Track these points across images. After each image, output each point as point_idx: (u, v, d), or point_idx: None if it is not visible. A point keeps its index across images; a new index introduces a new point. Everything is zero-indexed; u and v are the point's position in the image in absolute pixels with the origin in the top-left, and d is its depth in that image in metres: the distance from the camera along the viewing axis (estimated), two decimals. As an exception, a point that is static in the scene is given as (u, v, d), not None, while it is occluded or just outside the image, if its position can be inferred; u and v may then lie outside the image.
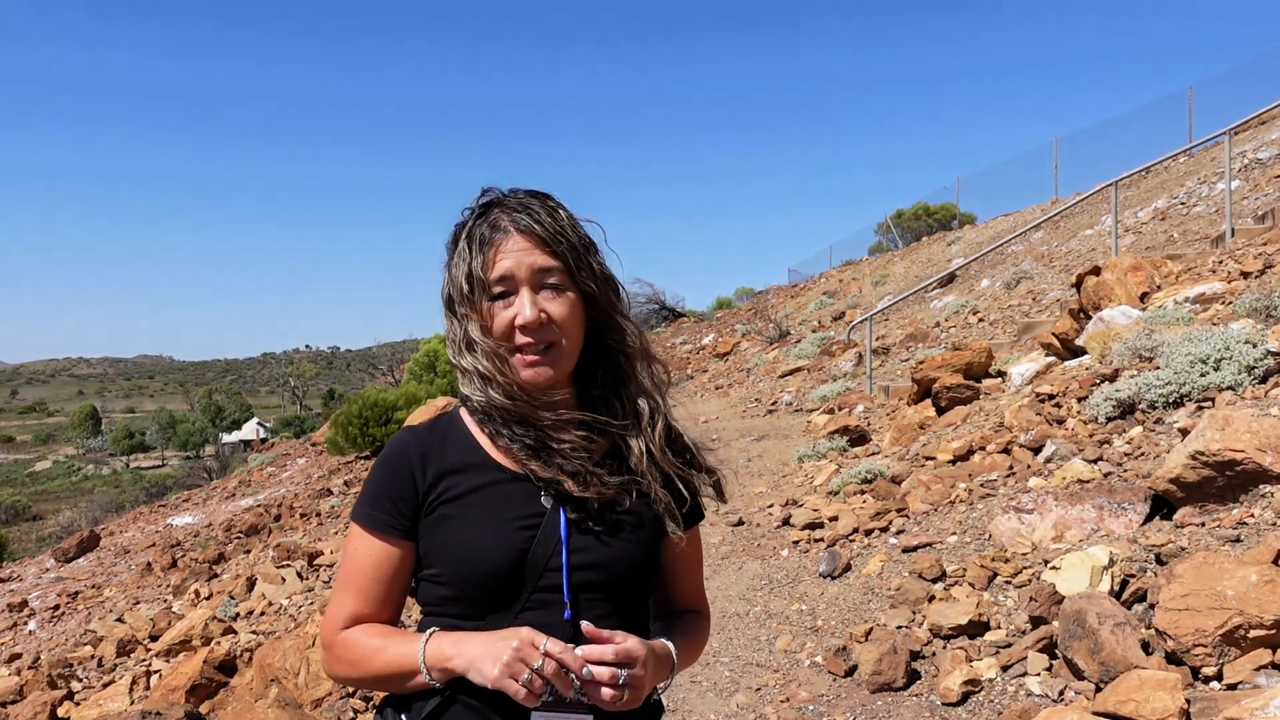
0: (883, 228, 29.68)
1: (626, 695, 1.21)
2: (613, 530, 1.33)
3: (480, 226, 1.31)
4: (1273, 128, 14.41)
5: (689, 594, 1.52)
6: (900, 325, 13.88)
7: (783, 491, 6.85)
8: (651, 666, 1.26)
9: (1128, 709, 2.58)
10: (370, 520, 1.32)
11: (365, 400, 18.41)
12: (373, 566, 1.32)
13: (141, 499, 29.22)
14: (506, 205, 1.32)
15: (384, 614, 1.33)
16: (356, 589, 1.32)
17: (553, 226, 1.30)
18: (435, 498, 1.31)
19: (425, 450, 1.33)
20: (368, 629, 1.31)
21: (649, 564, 1.37)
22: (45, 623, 10.57)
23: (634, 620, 1.36)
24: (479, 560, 1.27)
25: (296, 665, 4.78)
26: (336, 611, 1.33)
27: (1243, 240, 8.80)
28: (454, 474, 1.32)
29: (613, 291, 1.38)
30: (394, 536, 1.31)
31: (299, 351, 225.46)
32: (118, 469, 77.69)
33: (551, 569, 1.29)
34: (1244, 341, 4.92)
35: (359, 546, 1.33)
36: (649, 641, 1.30)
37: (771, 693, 3.71)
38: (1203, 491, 3.73)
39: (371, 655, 1.28)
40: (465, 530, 1.29)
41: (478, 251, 1.29)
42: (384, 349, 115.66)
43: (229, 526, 14.56)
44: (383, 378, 33.69)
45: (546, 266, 1.29)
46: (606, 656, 1.20)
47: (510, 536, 1.28)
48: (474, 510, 1.30)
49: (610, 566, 1.32)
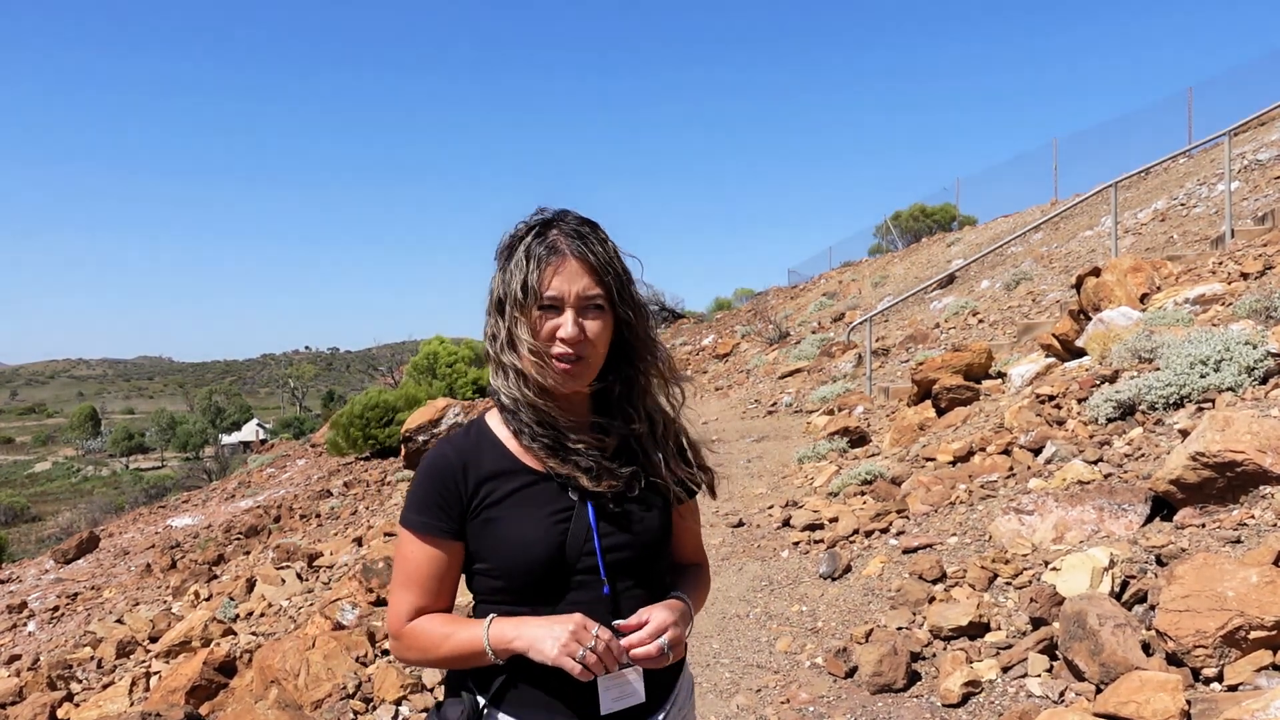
0: (882, 229, 29.68)
1: (672, 654, 1.45)
2: (632, 513, 1.53)
3: (539, 245, 1.45)
4: (1272, 129, 14.41)
5: (691, 550, 1.76)
6: (900, 326, 13.88)
7: (783, 493, 6.85)
8: (679, 621, 1.49)
9: (1128, 710, 2.58)
10: (421, 527, 1.50)
11: (366, 401, 18.40)
12: (427, 565, 1.50)
13: (141, 500, 29.16)
14: (564, 230, 1.47)
15: (440, 603, 1.52)
16: (416, 585, 1.51)
17: (604, 257, 1.47)
18: (479, 503, 1.49)
19: (465, 461, 1.51)
20: (433, 618, 1.50)
21: (665, 536, 1.59)
22: (44, 624, 10.56)
23: (655, 585, 1.57)
24: (524, 554, 1.46)
25: (296, 666, 4.78)
26: (400, 607, 1.51)
27: (1242, 241, 8.81)
28: (492, 480, 1.50)
29: (645, 319, 1.57)
30: (444, 539, 1.50)
31: (299, 353, 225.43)
32: (117, 470, 77.65)
33: (586, 553, 1.48)
34: (1244, 343, 4.92)
35: (412, 549, 1.51)
36: (668, 602, 1.52)
37: (772, 694, 3.70)
38: (1203, 493, 3.73)
39: (440, 641, 1.47)
40: (509, 529, 1.48)
41: (535, 267, 1.44)
42: (383, 350, 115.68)
43: (228, 528, 14.54)
44: (382, 379, 33.67)
45: (592, 294, 1.46)
46: (645, 639, 1.43)
47: (548, 530, 1.47)
48: (514, 511, 1.48)
49: (634, 545, 1.52)
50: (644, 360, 1.56)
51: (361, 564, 6.80)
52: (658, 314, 1.69)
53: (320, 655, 4.86)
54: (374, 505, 12.87)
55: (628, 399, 1.58)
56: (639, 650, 1.42)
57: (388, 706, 4.39)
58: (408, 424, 14.69)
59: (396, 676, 4.51)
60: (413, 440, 14.34)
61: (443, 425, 14.24)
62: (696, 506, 1.75)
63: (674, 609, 1.50)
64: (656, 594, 1.55)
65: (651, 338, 1.58)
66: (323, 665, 4.78)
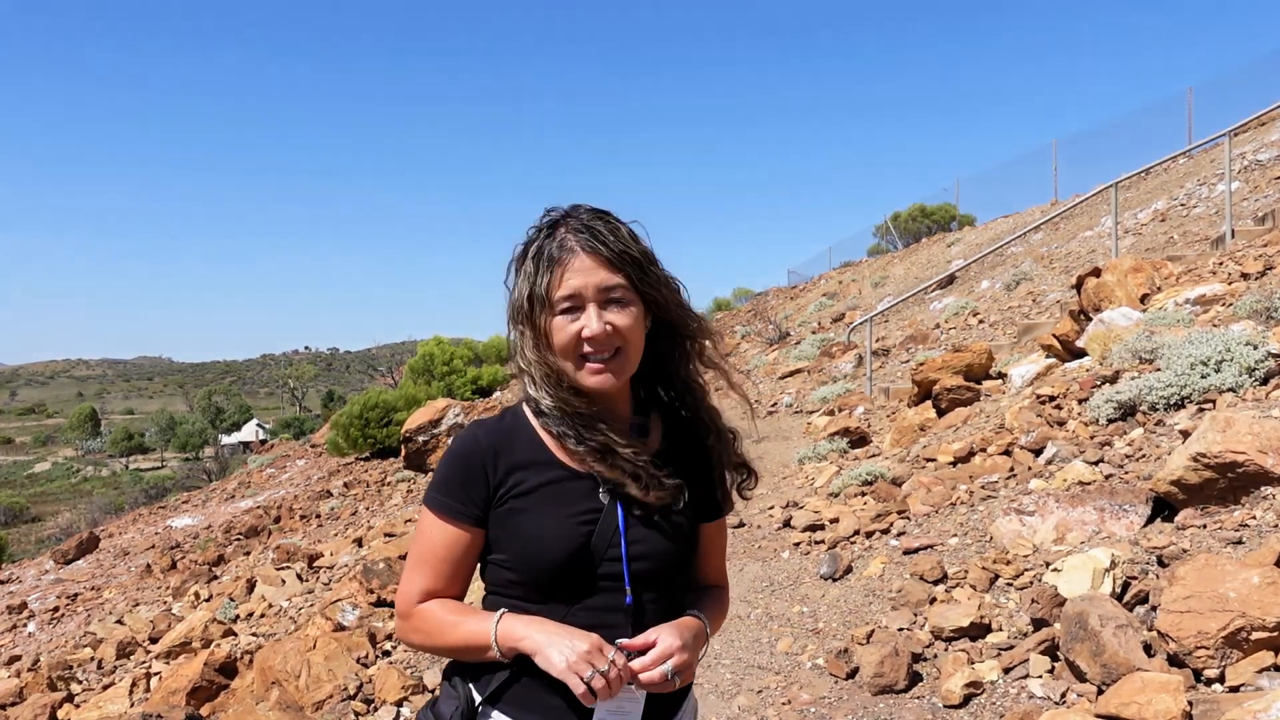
0: (881, 229, 29.70)
1: (679, 680, 1.37)
2: (663, 523, 1.47)
3: (549, 245, 1.40)
4: (1272, 129, 14.41)
5: (714, 571, 1.67)
6: (900, 327, 13.88)
7: (783, 493, 6.85)
8: (691, 644, 1.42)
9: (1130, 711, 2.58)
10: (443, 507, 1.44)
11: (365, 401, 18.40)
12: (445, 548, 1.45)
13: (141, 500, 29.15)
14: (572, 225, 1.41)
15: (453, 589, 1.47)
16: (430, 567, 1.45)
17: (617, 245, 1.40)
18: (506, 491, 1.43)
19: (496, 446, 1.45)
20: (443, 604, 1.45)
21: (691, 552, 1.55)
22: (44, 624, 10.56)
23: (676, 600, 1.51)
24: (541, 552, 1.40)
25: (297, 667, 4.78)
26: (410, 587, 1.46)
27: (1243, 242, 8.80)
28: (522, 469, 1.44)
29: (676, 292, 1.50)
30: (465, 523, 1.44)
31: (298, 353, 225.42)
32: (117, 470, 77.58)
33: (610, 559, 1.42)
34: (1244, 343, 4.92)
35: (432, 529, 1.45)
36: (682, 620, 1.45)
37: (773, 695, 3.70)
38: (1204, 493, 3.73)
39: (447, 629, 1.42)
40: (531, 523, 1.42)
41: (545, 269, 1.39)
42: (383, 350, 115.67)
43: (228, 528, 14.54)
44: (381, 379, 33.65)
45: (611, 284, 1.39)
46: (649, 665, 1.36)
47: (570, 531, 1.41)
48: (541, 505, 1.43)
49: (661, 556, 1.47)
50: (689, 330, 1.51)
51: (362, 565, 6.80)
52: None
53: (321, 656, 4.86)
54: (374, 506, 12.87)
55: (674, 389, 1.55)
56: (644, 676, 1.35)
57: (389, 708, 4.39)
58: (408, 424, 14.70)
59: (398, 678, 4.51)
60: (413, 440, 14.34)
61: (443, 426, 14.25)
62: (725, 525, 1.67)
63: (685, 630, 1.43)
64: (675, 612, 1.48)
65: (689, 309, 1.51)
66: (324, 666, 4.78)
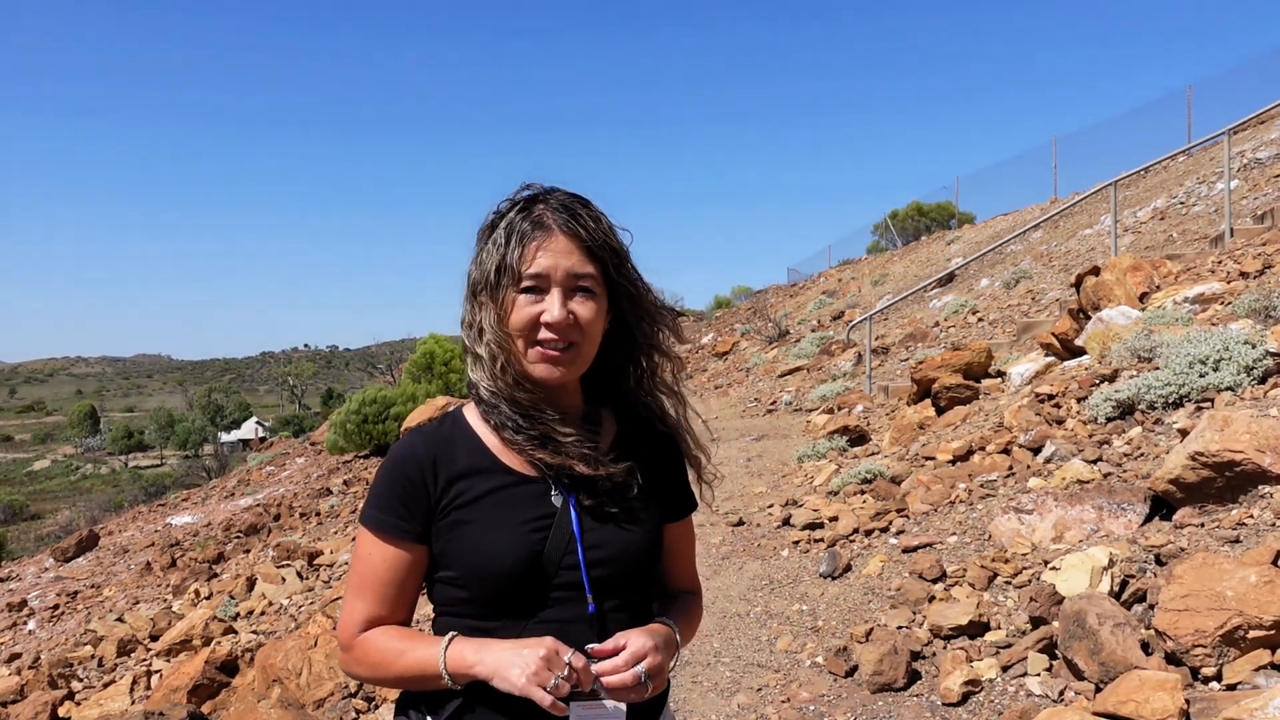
0: (880, 227, 29.72)
1: (652, 685, 1.27)
2: (621, 521, 1.37)
3: (523, 220, 1.31)
4: (1272, 127, 14.41)
5: (683, 575, 1.57)
6: (899, 325, 13.89)
7: (782, 491, 6.86)
8: (663, 648, 1.32)
9: (1128, 709, 2.59)
10: (382, 525, 1.33)
11: (365, 399, 18.41)
12: (386, 570, 1.33)
13: (140, 498, 29.20)
14: (551, 204, 1.32)
15: (398, 615, 1.36)
16: (371, 592, 1.34)
17: (596, 233, 1.32)
18: (449, 502, 1.32)
19: (435, 454, 1.34)
20: (387, 631, 1.33)
21: (654, 552, 1.43)
22: (45, 622, 10.57)
23: (641, 606, 1.41)
24: (491, 564, 1.29)
25: (298, 665, 4.79)
26: (351, 616, 1.35)
27: (1242, 240, 8.81)
28: (464, 478, 1.33)
29: (648, 289, 1.42)
30: (406, 541, 1.33)
31: (298, 350, 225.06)
32: (116, 468, 77.62)
33: (567, 567, 1.32)
34: (1243, 342, 4.93)
35: (371, 551, 1.34)
36: (651, 626, 1.36)
37: (772, 693, 3.72)
38: (1202, 492, 3.74)
39: (393, 659, 1.30)
40: (479, 535, 1.31)
41: (516, 244, 1.29)
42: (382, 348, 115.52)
43: (228, 526, 14.55)
44: (381, 377, 33.67)
45: (583, 271, 1.30)
46: (620, 666, 1.25)
47: (521, 539, 1.30)
48: (487, 514, 1.32)
49: (622, 560, 1.36)
50: (652, 336, 1.43)
51: (362, 563, 6.81)
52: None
53: (322, 654, 4.87)
54: (374, 504, 12.84)
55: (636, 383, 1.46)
56: (613, 679, 1.23)
57: (389, 705, 4.41)
58: (407, 422, 14.71)
59: (398, 675, 4.52)
60: (412, 439, 14.33)
61: (442, 424, 14.25)
62: (692, 527, 1.58)
63: (656, 634, 1.32)
64: (643, 620, 1.38)
65: (659, 305, 1.43)
66: (324, 664, 4.79)
